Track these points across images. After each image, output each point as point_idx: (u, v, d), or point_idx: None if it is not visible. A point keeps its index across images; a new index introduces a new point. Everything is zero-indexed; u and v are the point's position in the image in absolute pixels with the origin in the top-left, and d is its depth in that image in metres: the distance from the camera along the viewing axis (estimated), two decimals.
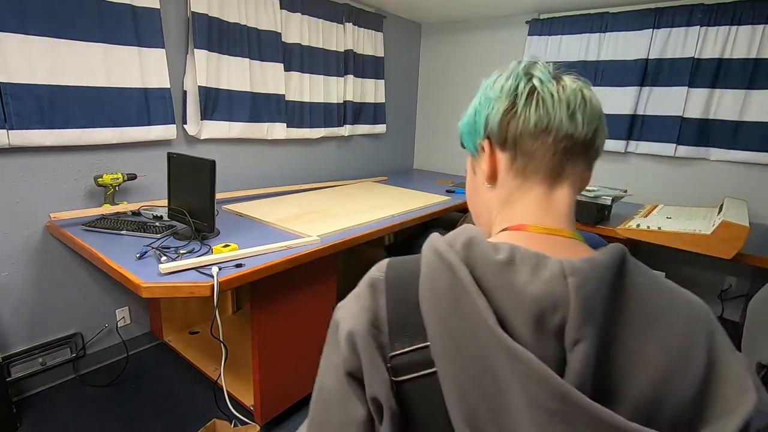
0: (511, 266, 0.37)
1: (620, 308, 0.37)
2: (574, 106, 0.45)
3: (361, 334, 0.41)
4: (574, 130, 0.46)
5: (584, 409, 0.32)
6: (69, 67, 1.86)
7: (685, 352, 0.36)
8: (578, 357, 0.34)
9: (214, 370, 2.14)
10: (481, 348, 0.35)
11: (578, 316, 0.35)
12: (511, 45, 3.48)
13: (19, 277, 1.93)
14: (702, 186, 2.84)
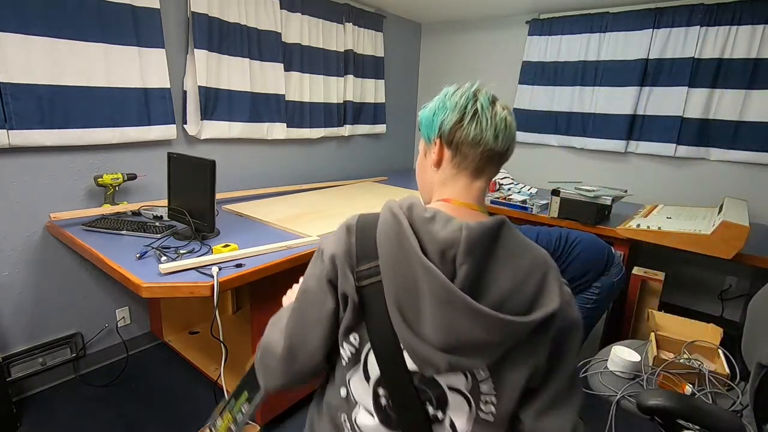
0: (432, 221, 0.61)
1: (491, 251, 0.61)
2: (499, 130, 0.68)
3: (340, 256, 0.65)
4: (496, 146, 0.68)
5: (461, 298, 0.56)
6: (69, 67, 1.85)
7: (525, 279, 0.60)
8: (461, 273, 0.58)
9: (214, 370, 2.14)
10: (409, 265, 0.59)
11: (463, 252, 0.58)
12: (511, 45, 3.48)
13: (19, 277, 1.93)
14: (702, 186, 2.84)
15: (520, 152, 3.58)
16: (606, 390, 1.36)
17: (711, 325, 1.70)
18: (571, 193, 2.42)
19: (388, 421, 0.66)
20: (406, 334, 0.60)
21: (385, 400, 0.65)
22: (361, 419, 0.67)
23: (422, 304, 0.58)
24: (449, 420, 0.65)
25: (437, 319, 0.57)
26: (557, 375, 0.64)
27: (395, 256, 0.60)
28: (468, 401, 0.64)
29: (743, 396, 1.27)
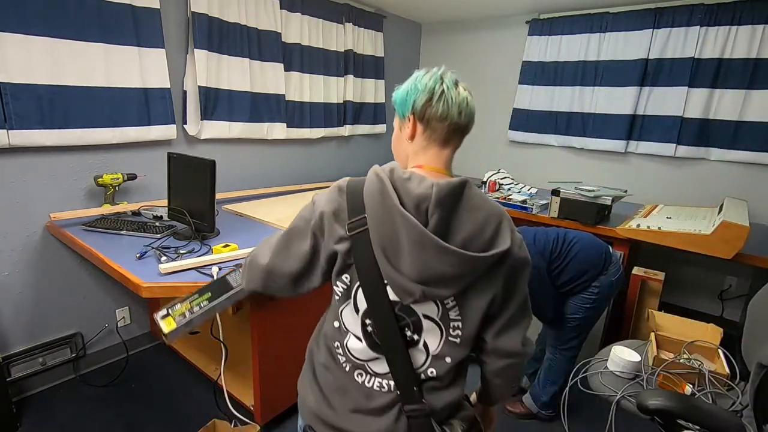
0: (409, 180, 0.75)
1: (456, 204, 0.75)
2: (462, 108, 0.80)
3: (328, 214, 0.79)
4: (460, 120, 0.81)
5: (432, 240, 0.70)
6: (69, 67, 1.85)
7: (483, 226, 0.75)
8: (433, 221, 0.72)
9: (214, 370, 2.14)
10: (391, 215, 0.71)
11: (434, 204, 0.72)
12: (511, 45, 3.48)
13: (19, 277, 1.93)
14: (702, 186, 2.84)
15: (520, 152, 3.58)
16: (606, 390, 1.36)
17: (711, 325, 1.70)
18: (571, 193, 2.42)
19: (373, 345, 0.80)
20: (389, 270, 0.74)
21: (371, 328, 0.79)
22: (352, 344, 0.82)
23: (401, 246, 0.72)
24: (423, 342, 0.79)
25: (413, 258, 0.71)
26: (510, 303, 0.81)
27: (379, 209, 0.73)
28: (439, 326, 0.79)
29: (743, 396, 1.27)
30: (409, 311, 0.77)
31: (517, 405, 2.05)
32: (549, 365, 1.94)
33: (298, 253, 0.82)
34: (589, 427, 2.00)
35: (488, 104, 3.70)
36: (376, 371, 0.81)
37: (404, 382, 0.78)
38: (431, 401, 0.79)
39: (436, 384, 0.80)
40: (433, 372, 0.79)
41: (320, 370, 0.87)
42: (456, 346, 0.79)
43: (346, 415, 0.81)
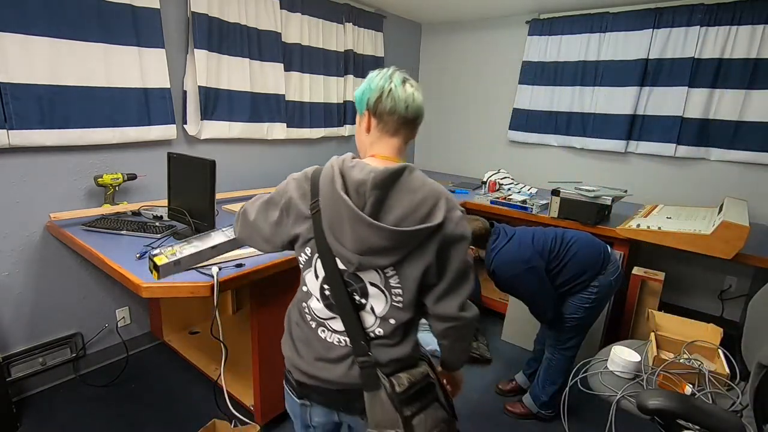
0: (353, 168, 0.86)
1: (392, 187, 0.85)
2: (408, 103, 0.92)
3: (295, 198, 0.92)
4: (407, 114, 0.93)
5: (364, 218, 0.81)
6: (69, 67, 1.86)
7: (418, 206, 0.84)
8: (369, 202, 0.83)
9: (214, 370, 2.14)
10: (336, 198, 0.83)
11: (369, 188, 0.82)
12: (511, 45, 3.48)
13: (19, 277, 1.93)
14: (702, 186, 2.84)
15: (521, 152, 3.59)
16: (606, 390, 1.36)
17: (711, 325, 1.70)
18: (571, 193, 2.42)
19: (330, 306, 0.93)
20: (334, 243, 0.86)
21: (328, 292, 0.92)
22: (314, 305, 0.96)
23: (344, 224, 0.84)
24: (370, 306, 0.91)
25: (352, 232, 0.83)
26: (447, 273, 0.89)
27: (328, 192, 0.85)
28: (383, 292, 0.89)
29: (743, 396, 1.27)
30: (357, 278, 0.90)
31: (517, 405, 2.05)
32: (548, 365, 1.94)
33: (270, 220, 0.97)
34: (589, 427, 2.00)
35: (488, 104, 3.70)
36: (334, 328, 0.94)
37: (355, 339, 0.91)
38: (378, 355, 0.91)
39: (383, 342, 0.92)
40: (380, 331, 0.92)
41: (294, 327, 1.02)
42: (399, 310, 0.90)
43: (312, 362, 0.96)
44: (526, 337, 2.62)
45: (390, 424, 0.88)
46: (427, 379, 0.94)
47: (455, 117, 3.93)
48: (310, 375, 0.95)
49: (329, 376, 0.93)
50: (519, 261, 1.75)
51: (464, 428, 1.95)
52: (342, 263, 0.88)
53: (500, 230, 1.89)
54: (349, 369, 0.92)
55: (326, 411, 0.99)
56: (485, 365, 2.44)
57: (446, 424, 0.94)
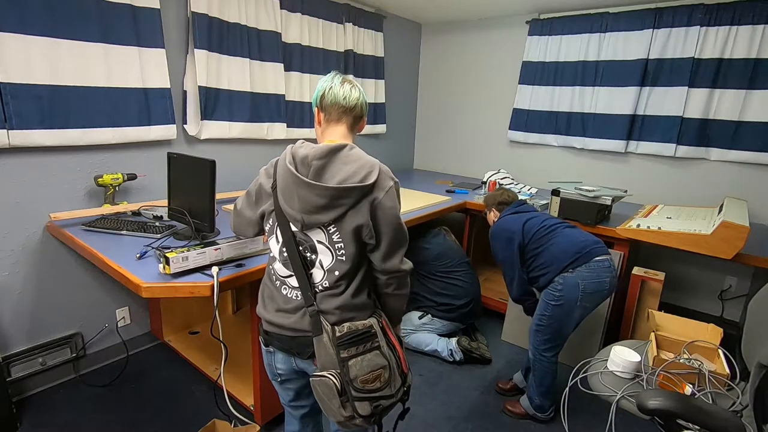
0: (301, 147, 1.08)
1: (332, 159, 1.05)
2: (346, 94, 1.13)
3: (263, 183, 1.14)
4: (346, 104, 1.13)
5: (303, 179, 1.02)
6: (69, 67, 1.86)
7: (355, 172, 1.03)
8: (311, 171, 1.03)
9: (214, 370, 2.14)
10: (285, 171, 1.05)
11: (311, 158, 1.03)
12: (511, 45, 3.48)
13: (19, 277, 1.93)
14: (702, 186, 2.84)
15: (521, 152, 3.59)
16: (606, 390, 1.36)
17: (711, 325, 1.70)
18: (571, 193, 2.42)
19: (287, 265, 1.11)
20: (286, 207, 1.07)
21: (286, 254, 1.10)
22: (276, 266, 1.15)
23: (291, 190, 1.04)
24: (319, 261, 1.09)
25: (297, 196, 1.03)
26: (383, 235, 1.08)
27: (282, 168, 1.07)
28: (328, 248, 1.08)
29: (743, 396, 1.27)
30: (306, 238, 1.09)
31: (517, 405, 2.06)
32: (533, 367, 1.97)
33: (250, 205, 1.20)
34: (589, 427, 2.00)
35: (488, 104, 3.70)
36: (292, 285, 1.12)
37: (304, 291, 1.09)
38: (323, 305, 1.08)
39: (328, 293, 1.09)
40: (326, 283, 1.09)
41: (263, 287, 1.21)
42: (343, 263, 1.08)
43: (273, 313, 1.15)
44: (526, 337, 2.62)
45: (331, 365, 1.03)
46: (368, 329, 1.07)
47: (455, 117, 3.93)
48: (272, 323, 1.14)
49: (286, 323, 1.11)
50: (505, 230, 1.96)
51: (464, 428, 1.95)
52: (292, 224, 1.08)
53: (520, 203, 2.11)
54: (302, 318, 1.10)
55: (285, 357, 1.18)
56: (485, 365, 2.45)
57: (384, 370, 1.06)
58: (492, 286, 3.14)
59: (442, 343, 2.43)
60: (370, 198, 1.04)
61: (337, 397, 1.01)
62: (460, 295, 2.47)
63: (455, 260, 2.55)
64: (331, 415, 1.05)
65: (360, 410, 1.02)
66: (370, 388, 1.03)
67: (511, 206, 2.10)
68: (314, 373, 1.04)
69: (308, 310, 1.07)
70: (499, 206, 2.13)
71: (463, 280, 2.51)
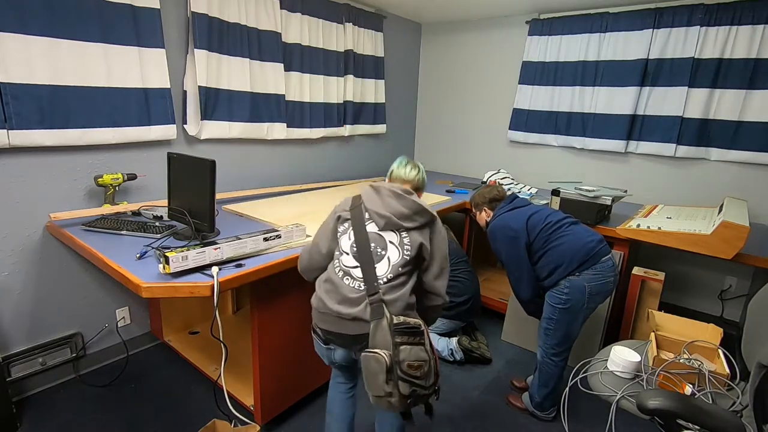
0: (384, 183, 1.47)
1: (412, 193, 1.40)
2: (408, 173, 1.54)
3: (339, 210, 1.43)
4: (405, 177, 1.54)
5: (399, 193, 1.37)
6: (69, 67, 1.86)
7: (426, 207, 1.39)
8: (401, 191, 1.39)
9: (214, 370, 2.14)
10: (377, 190, 1.40)
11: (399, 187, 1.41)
12: (511, 45, 3.48)
13: (19, 277, 1.93)
14: (702, 186, 2.84)
15: (521, 152, 3.59)
16: (606, 390, 1.36)
17: (711, 325, 1.70)
18: (571, 193, 2.42)
19: (355, 257, 1.31)
20: (373, 209, 1.34)
21: (355, 248, 1.31)
22: (343, 258, 1.33)
23: (382, 199, 1.35)
24: (387, 256, 1.30)
25: (386, 203, 1.34)
26: (435, 257, 1.36)
27: (369, 190, 1.39)
28: (397, 248, 1.31)
29: (743, 396, 1.27)
30: (380, 237, 1.32)
31: (518, 399, 2.08)
32: (539, 367, 1.95)
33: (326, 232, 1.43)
34: (589, 427, 2.00)
35: (488, 104, 3.70)
36: (356, 275, 1.29)
37: (369, 282, 1.26)
38: (386, 295, 1.25)
39: (390, 285, 1.27)
40: (390, 276, 1.28)
41: (321, 285, 1.36)
42: (407, 262, 1.30)
43: (336, 304, 1.28)
44: (526, 337, 2.62)
45: (384, 346, 1.17)
46: (419, 326, 1.22)
47: (455, 117, 3.94)
48: (337, 314, 1.27)
49: (350, 312, 1.25)
50: (507, 229, 1.88)
51: (464, 427, 1.95)
52: (374, 224, 1.33)
53: (513, 198, 2.04)
54: (365, 309, 1.24)
55: (345, 351, 1.33)
56: (485, 365, 2.45)
57: (425, 363, 1.19)
58: (492, 286, 3.14)
59: (442, 343, 2.43)
60: (431, 227, 1.36)
61: (384, 372, 1.14)
62: (459, 293, 2.47)
63: (454, 258, 2.55)
64: (372, 388, 1.18)
65: (401, 389, 1.16)
66: (413, 374, 1.17)
67: (505, 202, 2.01)
68: (367, 350, 1.17)
69: (370, 299, 1.23)
70: (491, 204, 2.03)
71: (463, 278, 2.51)
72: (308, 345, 1.94)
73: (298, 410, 2.00)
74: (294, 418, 1.95)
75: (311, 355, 1.99)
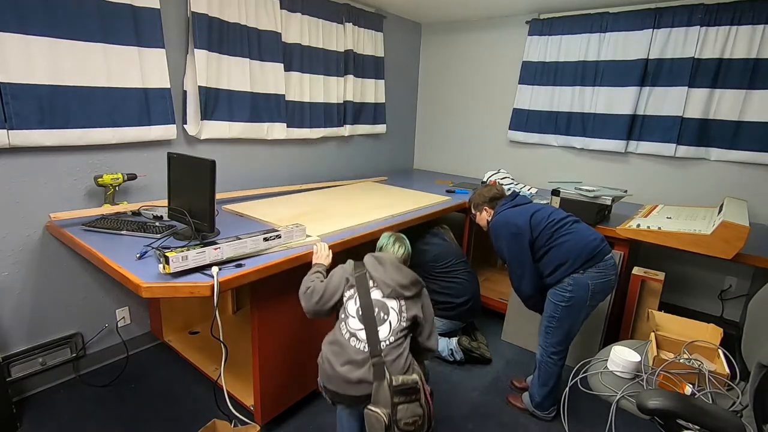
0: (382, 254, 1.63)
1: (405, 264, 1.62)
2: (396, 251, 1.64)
3: (348, 272, 1.54)
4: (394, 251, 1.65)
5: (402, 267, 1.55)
6: (69, 67, 1.86)
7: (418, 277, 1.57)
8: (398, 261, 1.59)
9: (214, 370, 2.14)
10: (380, 258, 1.55)
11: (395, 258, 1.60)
12: (511, 45, 3.48)
13: (19, 277, 1.93)
14: (702, 186, 2.84)
15: (521, 152, 3.59)
16: (606, 390, 1.36)
17: (711, 325, 1.70)
18: (571, 193, 2.42)
19: (361, 320, 1.42)
20: (379, 278, 1.47)
21: (361, 312, 1.43)
22: (350, 321, 1.44)
23: (386, 268, 1.49)
24: (389, 321, 1.43)
25: (389, 273, 1.48)
26: (427, 322, 1.52)
27: (372, 259, 1.53)
28: (397, 314, 1.45)
29: (743, 396, 1.27)
30: (383, 303, 1.45)
31: (518, 399, 2.08)
32: (539, 366, 1.96)
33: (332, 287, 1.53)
34: (589, 427, 2.00)
35: (488, 104, 3.70)
36: (361, 338, 1.41)
37: (373, 344, 1.38)
38: (387, 356, 1.38)
39: (391, 346, 1.40)
40: (391, 339, 1.41)
41: (328, 345, 1.46)
42: (404, 327, 1.44)
43: (340, 366, 1.39)
44: (526, 337, 2.62)
45: (384, 405, 1.31)
46: (416, 384, 1.36)
47: (455, 117, 3.94)
48: (342, 378, 1.38)
49: (354, 375, 1.36)
50: (509, 225, 1.87)
51: (464, 428, 1.95)
52: (380, 290, 1.46)
53: (515, 196, 2.04)
54: (368, 370, 1.36)
55: (351, 409, 1.50)
56: (485, 365, 2.45)
57: (420, 417, 1.35)
58: (492, 286, 3.14)
59: (442, 343, 2.43)
60: (422, 294, 1.53)
61: (383, 430, 1.29)
62: (459, 293, 2.47)
63: (454, 259, 2.55)
64: None
65: None
66: (408, 429, 1.32)
67: (507, 199, 2.00)
68: (370, 407, 1.31)
69: (373, 360, 1.35)
70: (491, 203, 2.02)
71: (462, 278, 2.51)
72: (308, 345, 1.94)
73: (298, 410, 2.00)
74: (294, 418, 1.95)
75: (311, 355, 1.99)
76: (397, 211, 2.38)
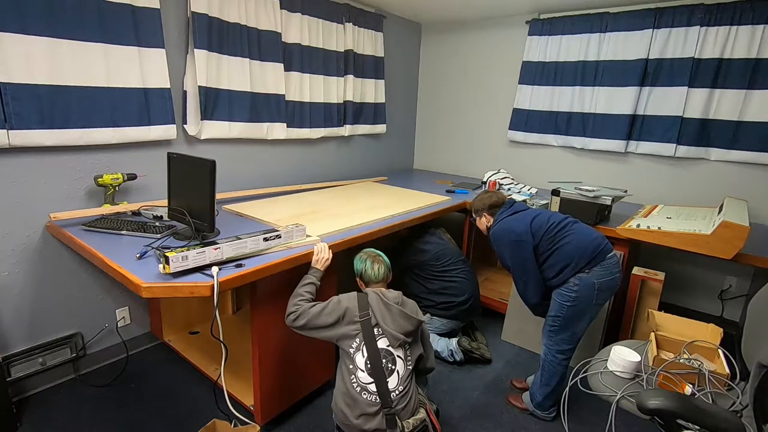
0: (386, 292, 1.60)
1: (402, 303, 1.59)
2: (377, 273, 1.66)
3: (351, 311, 1.54)
4: (377, 279, 1.66)
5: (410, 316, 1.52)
6: (69, 67, 1.85)
7: (415, 311, 1.59)
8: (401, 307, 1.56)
9: (214, 370, 2.14)
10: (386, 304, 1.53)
11: (394, 301, 1.55)
12: (511, 45, 3.48)
13: (19, 277, 1.93)
14: (702, 186, 2.84)
15: (521, 152, 3.59)
16: (606, 390, 1.36)
17: (711, 325, 1.70)
18: (571, 193, 2.42)
19: (370, 374, 1.45)
20: (385, 328, 1.48)
21: (369, 364, 1.45)
22: (359, 374, 1.46)
23: (392, 316, 1.50)
24: (397, 370, 1.47)
25: (394, 322, 1.49)
26: (428, 351, 1.63)
27: (378, 303, 1.52)
28: (404, 361, 1.50)
29: (743, 396, 1.27)
30: (389, 354, 1.48)
31: (518, 399, 2.08)
32: (543, 365, 1.96)
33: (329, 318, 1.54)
34: (589, 427, 2.00)
35: (488, 104, 3.70)
36: (371, 390, 1.45)
37: (384, 396, 1.43)
38: (398, 406, 1.44)
39: (400, 395, 1.46)
40: (400, 388, 1.46)
41: (340, 395, 1.49)
42: (410, 371, 1.51)
43: (356, 418, 1.43)
44: (526, 337, 2.62)
45: None
46: (424, 422, 1.49)
47: (455, 117, 3.94)
48: (358, 429, 1.43)
49: (370, 426, 1.42)
50: (511, 233, 1.88)
51: (464, 427, 1.95)
52: (389, 340, 1.48)
53: (512, 203, 2.03)
54: (381, 419, 1.42)
55: None
56: (485, 365, 2.45)
57: None
58: (492, 286, 3.14)
59: (442, 344, 2.43)
60: (422, 329, 1.60)
61: None
62: (459, 292, 2.47)
63: (453, 258, 2.55)
64: None
65: None
66: None
67: (505, 207, 2.01)
68: None
69: (384, 412, 1.42)
70: (491, 210, 2.03)
71: (461, 277, 2.51)
72: (308, 345, 1.94)
73: (298, 410, 2.00)
74: (294, 418, 1.95)
75: (311, 355, 1.99)
76: (397, 211, 2.38)
